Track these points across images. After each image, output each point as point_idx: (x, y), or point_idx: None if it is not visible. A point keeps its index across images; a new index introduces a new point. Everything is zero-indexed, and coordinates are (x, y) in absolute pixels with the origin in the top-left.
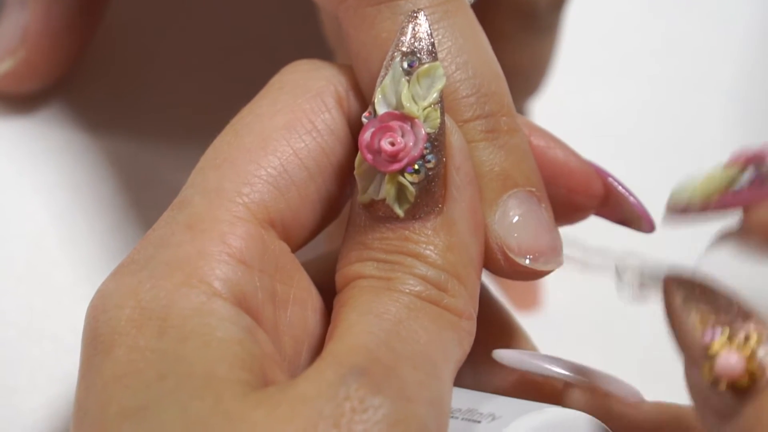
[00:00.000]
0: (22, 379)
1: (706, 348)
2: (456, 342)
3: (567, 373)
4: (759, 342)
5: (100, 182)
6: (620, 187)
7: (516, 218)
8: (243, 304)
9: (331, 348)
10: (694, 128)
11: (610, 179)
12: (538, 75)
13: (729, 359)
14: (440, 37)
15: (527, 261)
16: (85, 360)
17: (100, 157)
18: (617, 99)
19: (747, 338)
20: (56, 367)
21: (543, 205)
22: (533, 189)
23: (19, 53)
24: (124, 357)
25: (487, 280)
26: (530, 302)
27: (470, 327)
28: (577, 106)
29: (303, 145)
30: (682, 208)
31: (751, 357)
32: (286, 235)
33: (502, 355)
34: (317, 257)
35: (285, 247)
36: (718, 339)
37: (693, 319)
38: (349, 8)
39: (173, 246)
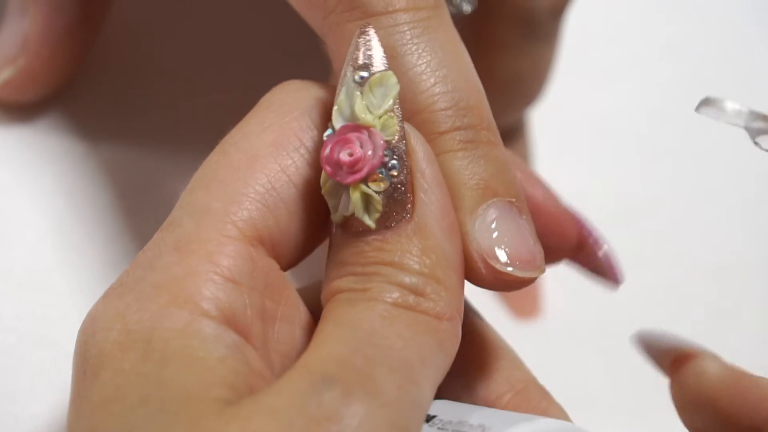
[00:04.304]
0: (22, 386)
1: None
2: (435, 345)
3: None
4: None
5: (99, 190)
6: (592, 239)
7: (496, 227)
8: (232, 321)
9: (303, 358)
10: (695, 131)
11: (585, 230)
12: (537, 83)
13: None
14: (420, 51)
15: (508, 269)
16: (75, 383)
17: (99, 165)
18: (617, 103)
19: None
20: (55, 374)
21: (524, 216)
22: (513, 200)
23: (19, 62)
24: (110, 381)
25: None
26: (531, 310)
27: (452, 328)
28: (576, 110)
29: (291, 162)
30: None
31: None
32: (275, 252)
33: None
34: (316, 282)
35: (274, 264)
36: None
37: None
38: (332, 24)
39: (161, 268)
